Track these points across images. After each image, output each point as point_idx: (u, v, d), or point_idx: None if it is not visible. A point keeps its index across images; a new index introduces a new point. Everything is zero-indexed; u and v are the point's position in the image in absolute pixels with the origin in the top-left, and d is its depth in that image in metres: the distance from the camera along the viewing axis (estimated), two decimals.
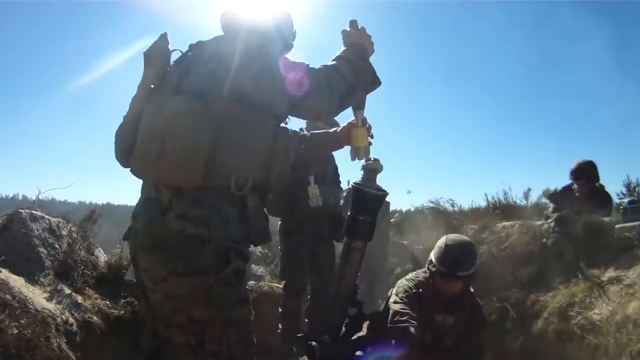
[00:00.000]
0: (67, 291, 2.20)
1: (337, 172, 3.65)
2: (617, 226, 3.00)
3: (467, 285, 2.40)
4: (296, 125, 2.97)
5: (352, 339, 1.82)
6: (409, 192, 9.99)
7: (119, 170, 1.54)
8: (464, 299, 2.40)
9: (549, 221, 3.39)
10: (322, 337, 1.69)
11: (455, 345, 2.37)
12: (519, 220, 3.74)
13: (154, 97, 1.47)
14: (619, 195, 6.43)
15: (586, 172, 3.80)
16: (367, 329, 1.95)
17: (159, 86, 1.49)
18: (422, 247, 6.15)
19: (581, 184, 3.80)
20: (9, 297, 1.83)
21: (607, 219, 3.18)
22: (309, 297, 3.65)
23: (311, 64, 1.47)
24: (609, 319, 2.48)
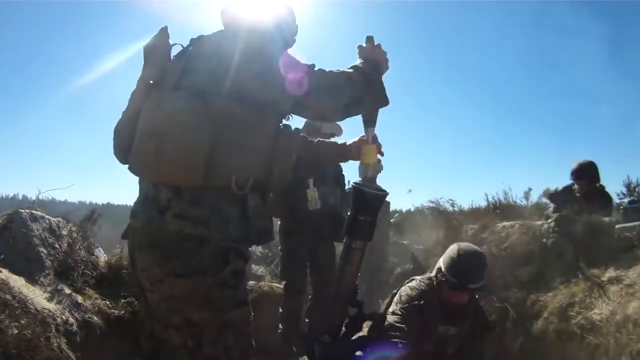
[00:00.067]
0: (67, 291, 2.20)
1: (341, 174, 3.64)
2: (617, 226, 3.00)
3: (474, 295, 2.37)
4: (296, 125, 2.96)
5: (352, 339, 1.82)
6: (409, 191, 10.03)
7: (119, 170, 1.53)
8: (468, 307, 2.35)
9: (549, 221, 3.39)
10: (322, 337, 1.69)
11: (458, 352, 2.35)
12: (519, 220, 3.73)
13: (153, 93, 1.45)
14: (619, 195, 6.44)
15: (587, 173, 3.82)
16: (368, 330, 1.95)
17: (159, 81, 1.47)
18: (422, 247, 6.16)
19: (582, 184, 3.81)
20: (9, 297, 1.83)
21: (607, 219, 3.18)
22: (309, 297, 3.65)
23: (316, 65, 1.45)
24: (609, 319, 2.47)
